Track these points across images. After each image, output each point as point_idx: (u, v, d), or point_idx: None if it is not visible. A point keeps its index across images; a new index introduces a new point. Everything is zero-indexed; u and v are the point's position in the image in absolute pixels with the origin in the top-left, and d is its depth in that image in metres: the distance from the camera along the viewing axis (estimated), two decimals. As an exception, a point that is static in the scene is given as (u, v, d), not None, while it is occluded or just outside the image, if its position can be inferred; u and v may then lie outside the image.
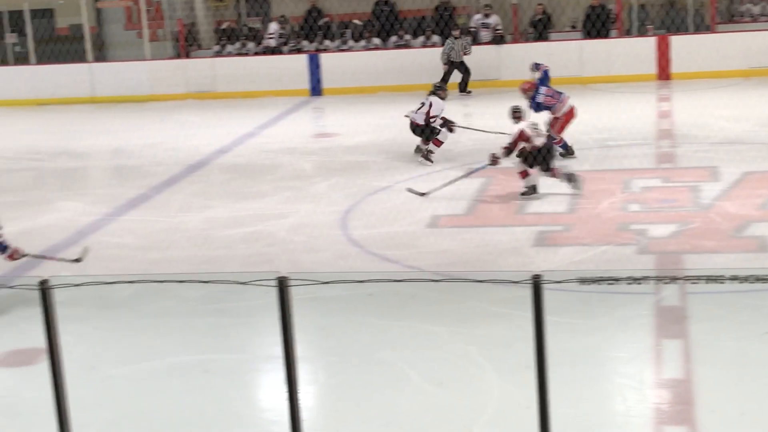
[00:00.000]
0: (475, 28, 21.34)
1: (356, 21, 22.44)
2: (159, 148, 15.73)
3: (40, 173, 14.40)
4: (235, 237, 10.41)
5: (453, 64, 19.94)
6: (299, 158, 14.35)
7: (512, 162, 11.53)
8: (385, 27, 21.79)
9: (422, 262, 9.13)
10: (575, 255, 9.19)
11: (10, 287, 8.38)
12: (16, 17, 23.54)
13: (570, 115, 13.22)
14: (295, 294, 4.32)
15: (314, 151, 14.84)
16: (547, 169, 11.33)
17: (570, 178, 11.36)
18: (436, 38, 21.47)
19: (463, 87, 20.03)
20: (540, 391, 4.22)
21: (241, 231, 10.61)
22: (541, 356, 4.17)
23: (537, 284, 4.07)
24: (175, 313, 8.04)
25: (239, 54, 22.30)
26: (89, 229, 10.93)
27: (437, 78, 20.35)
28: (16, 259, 8.76)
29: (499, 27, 21.16)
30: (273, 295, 4.32)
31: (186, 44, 22.91)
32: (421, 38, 21.69)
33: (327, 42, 22.14)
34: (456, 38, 20.05)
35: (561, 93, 13.25)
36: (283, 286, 4.28)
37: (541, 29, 21.36)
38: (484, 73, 20.52)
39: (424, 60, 20.57)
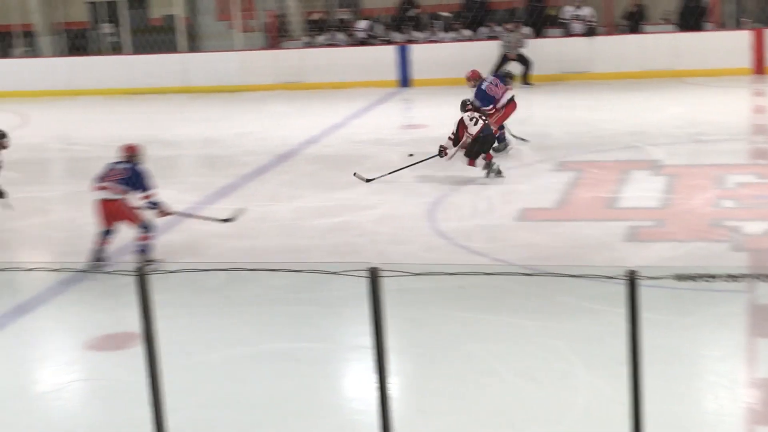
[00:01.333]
0: (567, 19, 21.14)
1: (444, 13, 22.37)
2: (249, 137, 15.89)
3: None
4: (323, 227, 10.46)
5: (506, 57, 19.88)
6: (387, 149, 14.36)
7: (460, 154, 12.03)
8: (475, 18, 21.66)
9: (510, 256, 9.07)
10: (667, 251, 9.05)
11: (108, 272, 8.56)
12: (111, 7, 23.96)
13: (511, 108, 13.34)
14: (384, 285, 4.33)
15: (402, 142, 14.83)
16: (477, 156, 12.07)
17: (496, 170, 12.02)
18: (527, 30, 21.30)
19: (525, 79, 19.92)
20: (633, 388, 4.17)
21: (328, 221, 10.67)
22: (635, 353, 4.12)
23: (632, 280, 4.02)
24: (266, 302, 8.12)
25: (329, 45, 22.40)
26: (182, 216, 11.08)
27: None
28: (165, 215, 9.49)
29: (591, 19, 20.92)
30: (360, 285, 4.34)
31: (277, 35, 23.09)
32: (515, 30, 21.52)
33: (416, 33, 22.12)
34: (510, 31, 19.97)
35: (505, 85, 13.41)
36: (374, 276, 4.28)
37: (634, 22, 21.06)
38: (576, 66, 20.33)
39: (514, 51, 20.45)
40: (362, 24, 22.43)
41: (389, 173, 12.02)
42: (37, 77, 22.84)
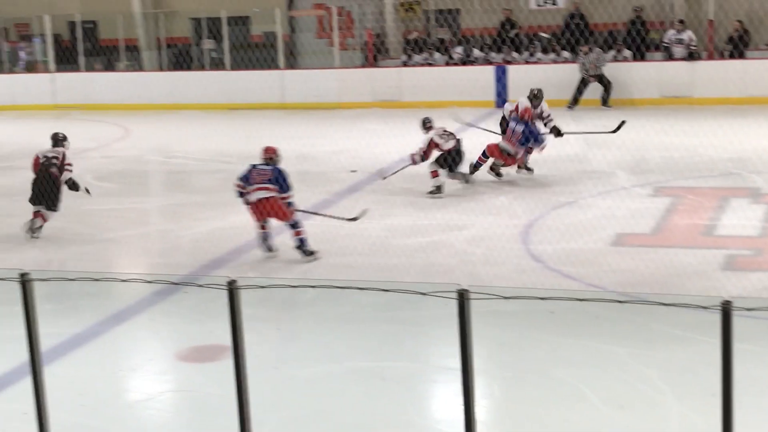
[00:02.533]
0: (668, 43, 20.86)
1: (543, 34, 22.25)
2: (343, 155, 15.97)
3: (230, 176, 14.75)
4: (414, 246, 10.45)
5: (585, 80, 19.69)
6: (482, 170, 14.29)
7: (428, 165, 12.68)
8: (575, 39, 21.52)
9: (605, 281, 8.94)
10: (766, 281, 8.83)
11: (199, 285, 8.66)
12: (214, 24, 24.37)
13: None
14: (474, 306, 4.29)
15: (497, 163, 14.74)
16: (452, 170, 12.88)
17: (464, 177, 12.89)
18: (627, 53, 21.09)
19: (605, 101, 19.68)
20: (725, 420, 4.06)
21: (420, 240, 10.65)
22: (727, 384, 4.01)
23: (727, 310, 3.92)
24: (355, 319, 8.13)
25: (426, 64, 22.45)
26: (274, 231, 11.17)
27: (626, 92, 20.01)
28: (290, 214, 10.15)
29: (693, 43, 20.60)
30: (450, 306, 4.31)
31: (374, 54, 23.23)
32: (612, 52, 21.31)
33: (515, 54, 22.04)
34: (585, 53, 19.79)
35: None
36: (463, 298, 4.25)
37: (737, 47, 20.68)
38: (677, 90, 20.04)
39: (615, 74, 20.25)
40: (458, 49, 22.46)
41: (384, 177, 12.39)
42: (140, 91, 23.34)
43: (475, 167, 13.38)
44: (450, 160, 12.87)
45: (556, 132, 13.72)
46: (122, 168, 14.91)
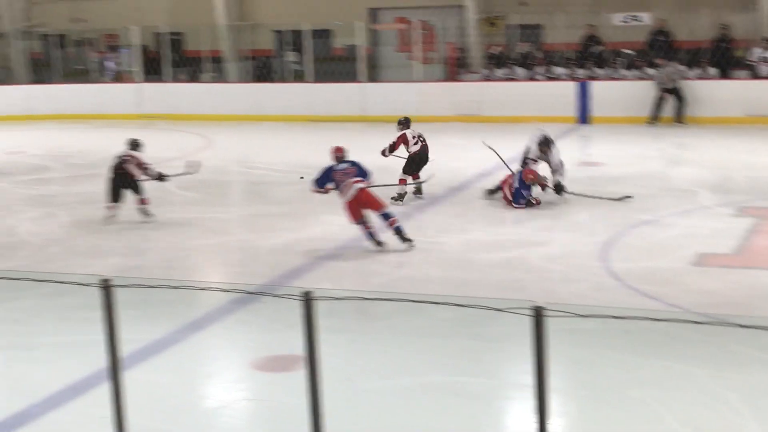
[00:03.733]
0: (754, 62, 20.52)
1: (628, 50, 22.03)
2: (423, 168, 15.93)
3: (309, 187, 14.89)
4: (492, 261, 10.41)
5: (662, 96, 19.50)
6: (550, 191, 14.18)
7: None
8: (659, 56, 21.26)
9: (685, 301, 8.81)
10: None
11: (275, 296, 8.73)
12: (296, 36, 24.58)
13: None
14: (550, 324, 4.26)
15: (578, 179, 14.61)
16: (415, 173, 13.60)
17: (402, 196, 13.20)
18: (712, 70, 20.79)
19: (677, 116, 19.41)
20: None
21: (498, 256, 10.61)
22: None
23: (810, 334, 3.84)
24: (430, 333, 8.12)
25: (508, 79, 22.38)
26: (351, 243, 11.22)
27: (710, 110, 19.76)
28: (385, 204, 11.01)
29: (780, 61, 20.26)
30: (527, 322, 4.29)
31: (456, 67, 23.21)
32: (697, 70, 21.03)
33: (598, 70, 21.87)
34: (662, 66, 19.57)
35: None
36: (538, 315, 4.23)
37: (828, 64, 20.28)
38: (763, 109, 19.69)
39: (699, 91, 19.99)
40: (540, 69, 22.36)
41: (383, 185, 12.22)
42: (223, 102, 23.65)
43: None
44: (414, 165, 13.64)
45: (557, 189, 13.30)
46: (204, 178, 15.06)
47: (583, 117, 20.98)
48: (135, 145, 12.86)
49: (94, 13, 27.00)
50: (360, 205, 10.85)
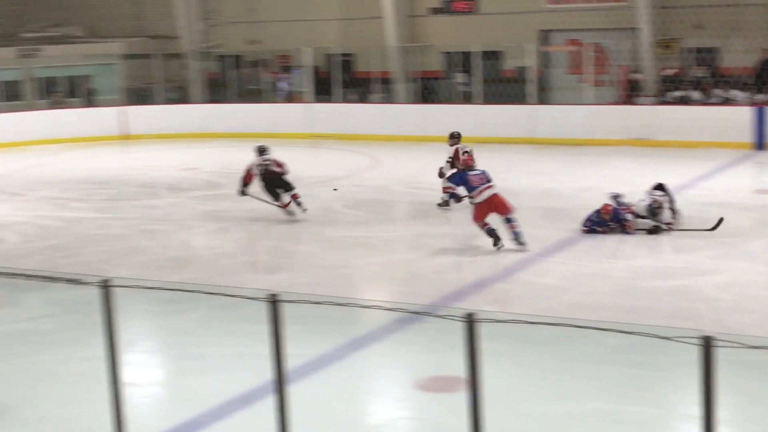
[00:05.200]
0: None
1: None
2: (591, 192, 15.74)
3: (476, 208, 14.90)
4: (661, 289, 10.16)
5: None
6: (735, 214, 13.77)
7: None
8: None
9: None
10: None
11: (438, 316, 8.74)
12: (466, 58, 24.65)
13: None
14: (720, 354, 4.13)
15: (752, 207, 14.18)
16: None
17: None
18: None
19: None
20: None
21: (667, 284, 10.35)
22: None
23: None
24: (594, 359, 7.98)
25: (682, 102, 21.87)
26: (516, 266, 11.15)
27: None
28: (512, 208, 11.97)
29: None
30: (695, 352, 4.16)
31: (628, 90, 22.84)
32: None
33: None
34: None
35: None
36: (708, 345, 4.10)
37: None
38: None
39: None
40: (717, 91, 21.77)
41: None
42: (391, 122, 23.90)
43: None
44: None
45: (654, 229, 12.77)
46: (370, 197, 15.26)
47: (760, 143, 20.31)
48: (264, 149, 14.27)
49: (268, 35, 27.74)
50: (490, 208, 11.91)
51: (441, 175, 14.57)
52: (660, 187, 13.34)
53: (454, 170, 14.02)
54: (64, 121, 25.37)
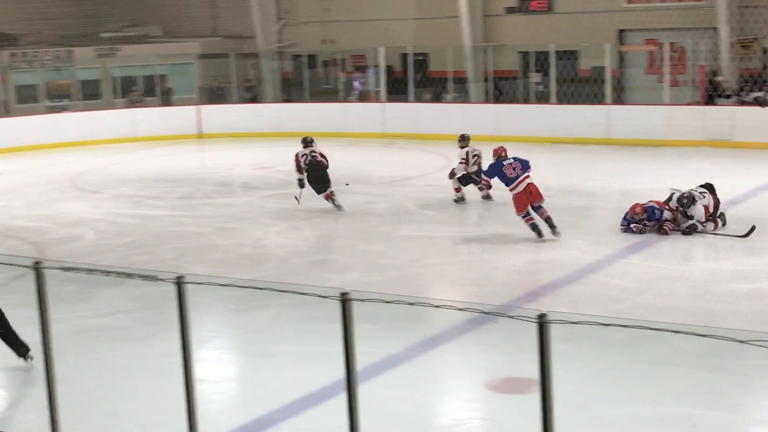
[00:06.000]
0: None
1: None
2: (667, 194, 15.51)
3: (549, 209, 14.78)
4: (738, 292, 9.98)
5: None
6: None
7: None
8: None
9: None
10: None
11: (509, 317, 8.68)
12: (542, 58, 24.48)
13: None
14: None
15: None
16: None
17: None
18: None
19: None
20: None
21: (744, 287, 10.16)
22: None
23: None
24: (669, 363, 7.87)
25: (757, 104, 21.46)
26: (590, 268, 11.04)
27: None
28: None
29: None
30: (773, 357, 4.08)
31: (707, 91, 22.51)
32: None
33: None
34: None
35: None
36: (787, 349, 4.01)
37: None
38: None
39: None
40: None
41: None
42: (464, 122, 23.74)
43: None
44: (469, 180, 15.13)
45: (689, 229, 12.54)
46: (443, 197, 15.20)
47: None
48: (310, 141, 14.93)
49: (343, 35, 27.84)
50: (528, 197, 12.33)
51: (452, 175, 15.17)
52: (707, 186, 13.11)
53: (464, 172, 15.04)
54: (140, 119, 25.71)
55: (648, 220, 12.55)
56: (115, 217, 15.18)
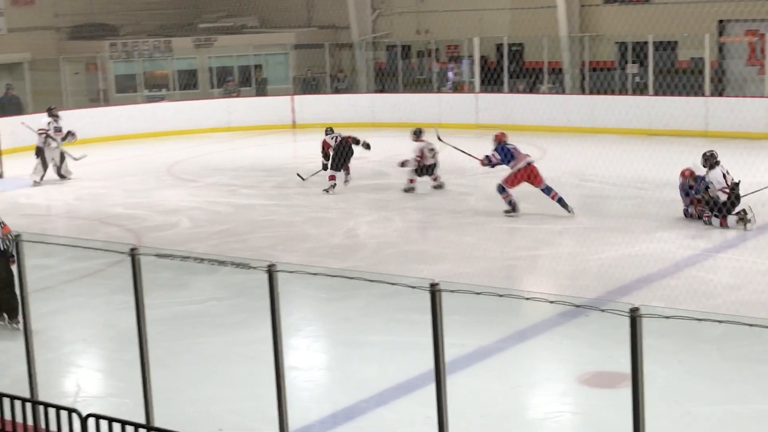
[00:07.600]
0: None
1: None
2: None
3: (644, 202, 14.57)
4: (840, 289, 9.73)
5: None
6: None
7: None
8: None
9: None
10: None
11: (601, 310, 8.58)
12: (639, 48, 24.11)
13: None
14: None
15: None
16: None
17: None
18: None
19: None
20: None
21: None
22: None
23: None
24: (764, 360, 7.71)
25: None
26: (685, 262, 10.86)
27: None
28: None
29: None
30: None
31: (809, 83, 21.93)
32: None
33: None
34: None
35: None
36: None
37: None
38: None
39: None
40: None
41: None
42: (560, 113, 23.57)
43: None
44: (424, 171, 15.77)
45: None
46: (536, 190, 15.12)
47: None
48: (331, 130, 16.81)
49: (437, 25, 27.77)
50: (525, 176, 13.26)
51: (403, 165, 15.86)
52: (736, 182, 12.99)
53: (416, 167, 15.69)
54: (236, 109, 26.00)
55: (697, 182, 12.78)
56: (210, 205, 15.40)
